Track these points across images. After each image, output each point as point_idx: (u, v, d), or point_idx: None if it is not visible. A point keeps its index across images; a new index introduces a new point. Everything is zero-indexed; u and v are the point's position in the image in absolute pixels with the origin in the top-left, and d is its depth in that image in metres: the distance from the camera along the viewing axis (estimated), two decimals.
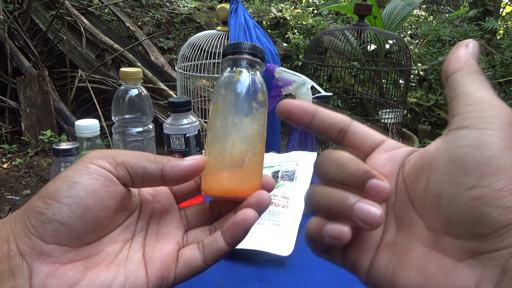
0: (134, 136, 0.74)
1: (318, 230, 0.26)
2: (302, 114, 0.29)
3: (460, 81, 0.25)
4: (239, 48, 0.33)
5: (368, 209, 0.24)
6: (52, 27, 2.71)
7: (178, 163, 0.29)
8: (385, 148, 0.28)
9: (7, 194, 2.00)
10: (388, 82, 2.42)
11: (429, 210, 0.24)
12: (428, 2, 6.03)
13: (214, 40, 1.50)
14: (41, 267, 0.25)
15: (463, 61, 0.25)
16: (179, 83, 1.55)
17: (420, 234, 0.24)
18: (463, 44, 0.26)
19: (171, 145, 0.67)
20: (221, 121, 0.31)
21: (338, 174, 0.26)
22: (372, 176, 0.25)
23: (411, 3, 2.85)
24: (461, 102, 0.24)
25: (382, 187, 0.25)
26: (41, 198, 0.26)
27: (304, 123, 0.29)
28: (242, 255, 0.55)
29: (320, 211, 0.27)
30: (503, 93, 3.37)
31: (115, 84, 2.69)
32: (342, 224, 0.25)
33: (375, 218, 0.24)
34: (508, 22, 5.15)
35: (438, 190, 0.23)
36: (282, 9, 4.08)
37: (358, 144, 0.29)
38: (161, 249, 0.29)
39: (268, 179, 0.33)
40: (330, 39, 2.15)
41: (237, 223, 0.29)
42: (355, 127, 0.29)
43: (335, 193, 0.26)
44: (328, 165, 0.27)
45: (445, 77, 0.26)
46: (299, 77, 0.68)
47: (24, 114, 2.44)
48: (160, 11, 3.51)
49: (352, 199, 0.25)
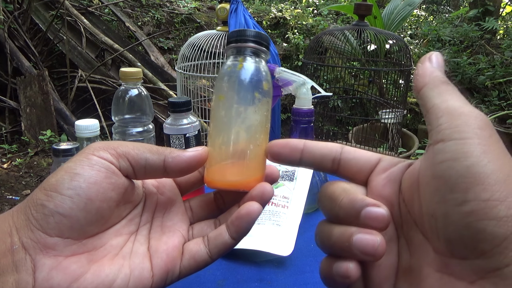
0: (134, 136, 0.74)
1: (329, 270, 0.26)
2: (290, 152, 0.28)
3: (428, 95, 0.25)
4: (243, 36, 0.31)
5: (367, 240, 0.23)
6: (52, 27, 2.71)
7: (180, 154, 0.29)
8: (382, 168, 0.27)
9: (7, 194, 2.00)
10: (388, 82, 2.42)
11: (430, 232, 0.23)
12: (428, 2, 6.02)
13: (214, 40, 1.50)
14: (44, 260, 0.24)
15: (428, 75, 0.25)
16: (179, 83, 1.55)
17: (430, 258, 0.23)
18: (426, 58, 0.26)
19: (171, 145, 0.67)
20: (224, 111, 0.31)
21: (332, 208, 0.26)
22: (366, 205, 0.24)
23: (411, 3, 2.84)
24: (433, 115, 0.24)
25: (378, 213, 0.24)
26: (42, 191, 0.26)
27: (294, 161, 0.29)
28: (242, 255, 0.55)
29: (326, 250, 0.27)
30: (503, 93, 3.37)
31: (115, 84, 2.69)
32: (348, 261, 0.24)
33: (374, 248, 0.23)
34: (508, 22, 5.15)
35: (431, 211, 0.22)
36: (282, 9, 4.08)
37: (355, 171, 0.28)
38: (167, 242, 0.29)
39: (272, 169, 0.32)
40: (330, 39, 2.15)
41: (241, 216, 0.29)
42: (348, 153, 0.28)
43: (333, 229, 0.25)
44: (324, 200, 0.27)
45: (416, 94, 0.26)
46: (299, 77, 0.68)
47: (24, 114, 2.43)
48: (160, 11, 3.50)
49: (350, 232, 0.24)
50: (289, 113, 3.03)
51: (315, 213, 0.69)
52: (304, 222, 0.59)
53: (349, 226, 0.25)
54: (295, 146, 0.28)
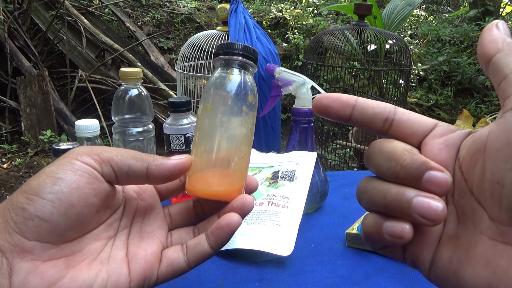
0: (134, 136, 0.74)
1: (377, 228, 0.25)
2: (341, 107, 0.26)
3: (505, 62, 0.23)
4: (231, 49, 0.32)
5: (429, 204, 0.22)
6: (52, 27, 2.71)
7: (163, 162, 0.29)
8: (439, 132, 0.26)
9: (7, 194, 2.00)
10: (388, 82, 2.42)
11: (490, 199, 0.22)
12: (428, 2, 6.02)
13: (214, 40, 1.50)
14: (21, 264, 0.24)
15: (501, 42, 0.24)
16: (179, 83, 1.55)
17: (484, 226, 0.22)
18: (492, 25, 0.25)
19: (171, 145, 0.67)
20: (210, 122, 0.31)
21: (392, 167, 0.24)
22: (430, 168, 0.23)
23: (411, 3, 2.84)
24: (511, 82, 0.22)
25: (442, 178, 0.23)
26: (23, 194, 0.25)
27: (344, 117, 0.27)
28: (242, 255, 0.55)
29: (376, 208, 0.25)
30: None
31: (115, 84, 2.69)
32: (403, 221, 0.23)
33: (436, 213, 0.22)
34: (508, 22, 5.15)
35: (498, 177, 0.21)
36: (282, 9, 4.08)
37: (409, 132, 0.26)
38: (145, 249, 0.29)
39: (251, 179, 0.33)
40: (330, 39, 2.15)
41: (221, 227, 0.29)
42: (402, 114, 0.27)
43: (389, 188, 0.24)
44: (380, 157, 0.25)
45: (485, 62, 0.24)
46: (299, 77, 0.68)
47: (24, 114, 2.43)
48: (160, 11, 3.50)
49: (410, 194, 0.23)
50: (289, 113, 3.03)
51: (315, 213, 0.69)
52: (304, 222, 0.59)
53: (407, 187, 0.23)
54: (347, 100, 0.26)
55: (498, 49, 0.24)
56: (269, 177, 0.66)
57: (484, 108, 3.44)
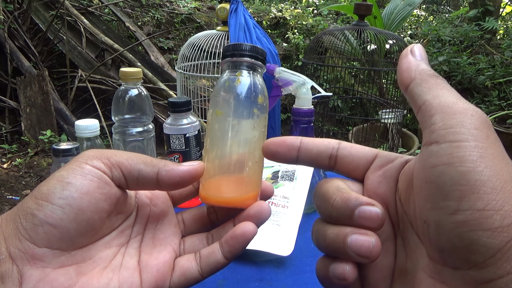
0: (134, 136, 0.74)
1: (325, 270, 0.25)
2: (287, 150, 0.27)
3: (417, 91, 0.23)
4: (239, 50, 0.31)
5: (361, 241, 0.22)
6: (52, 27, 2.71)
7: (174, 167, 0.28)
8: (379, 164, 0.26)
9: (7, 194, 2.00)
10: (388, 82, 2.42)
11: (423, 237, 0.22)
12: (428, 2, 6.02)
13: (214, 40, 1.50)
14: (32, 272, 0.24)
15: (414, 69, 0.24)
16: (179, 83, 1.55)
17: (424, 263, 0.22)
18: (407, 51, 0.25)
19: (171, 145, 0.67)
20: (220, 126, 0.30)
21: (326, 208, 0.25)
22: (360, 204, 0.23)
23: (411, 3, 2.84)
24: (425, 113, 0.22)
25: (373, 212, 0.23)
26: (33, 199, 0.25)
27: (291, 159, 0.27)
28: (242, 255, 0.55)
29: (322, 250, 0.26)
30: (503, 93, 3.37)
31: (115, 84, 2.69)
32: (344, 262, 0.23)
33: (369, 249, 0.22)
34: (508, 22, 5.15)
35: (424, 217, 0.21)
36: (282, 9, 4.08)
37: (352, 167, 0.27)
38: (157, 257, 0.28)
39: (267, 185, 0.32)
40: (330, 39, 2.15)
41: (236, 236, 0.28)
42: (344, 150, 0.27)
43: (328, 229, 0.24)
44: (318, 199, 0.26)
45: (404, 90, 0.24)
46: (299, 77, 0.68)
47: (24, 114, 2.43)
48: (160, 11, 3.50)
49: (344, 233, 0.23)
50: (289, 113, 3.03)
51: (315, 213, 0.69)
52: (304, 222, 0.59)
53: (344, 226, 0.24)
54: (292, 144, 0.27)
55: (411, 78, 0.24)
56: (269, 177, 0.66)
57: (484, 108, 3.43)
